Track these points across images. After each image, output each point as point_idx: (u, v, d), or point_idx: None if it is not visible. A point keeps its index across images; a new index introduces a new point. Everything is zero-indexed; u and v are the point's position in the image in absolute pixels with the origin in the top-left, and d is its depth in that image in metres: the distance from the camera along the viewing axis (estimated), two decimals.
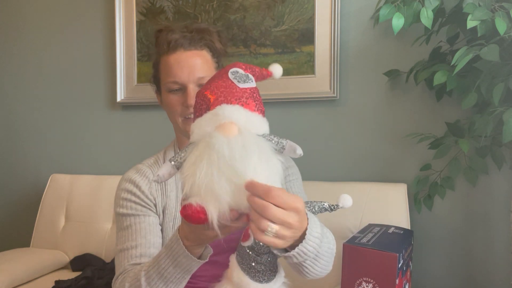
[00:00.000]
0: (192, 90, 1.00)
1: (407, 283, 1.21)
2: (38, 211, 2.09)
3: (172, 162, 0.72)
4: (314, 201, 0.81)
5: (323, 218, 1.53)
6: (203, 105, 0.74)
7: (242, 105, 0.73)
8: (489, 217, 1.66)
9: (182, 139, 1.11)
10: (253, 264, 0.81)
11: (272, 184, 0.66)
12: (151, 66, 1.10)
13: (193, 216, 0.66)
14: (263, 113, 0.76)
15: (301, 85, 1.84)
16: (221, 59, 1.09)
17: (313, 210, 0.80)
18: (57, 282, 1.69)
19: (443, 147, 1.57)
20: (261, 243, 0.78)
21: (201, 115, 0.74)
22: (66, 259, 1.96)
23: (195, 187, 0.66)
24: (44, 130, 2.29)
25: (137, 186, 1.05)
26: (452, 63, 1.32)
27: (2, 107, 2.37)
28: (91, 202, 2.00)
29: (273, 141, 0.74)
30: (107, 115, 2.17)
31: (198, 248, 0.81)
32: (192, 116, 0.98)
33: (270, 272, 0.84)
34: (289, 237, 0.68)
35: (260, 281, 0.82)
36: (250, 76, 0.79)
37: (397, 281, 1.04)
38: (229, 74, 0.76)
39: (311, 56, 1.82)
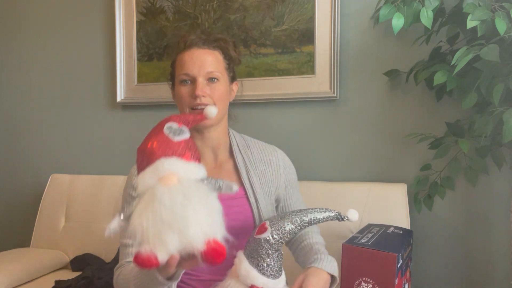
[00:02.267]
0: (201, 82, 1.08)
1: (407, 283, 1.21)
2: (38, 211, 2.09)
3: (122, 216, 0.80)
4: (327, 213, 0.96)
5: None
6: (144, 160, 0.84)
7: (179, 156, 0.82)
8: (489, 217, 1.66)
9: (191, 133, 1.13)
10: (264, 257, 0.89)
11: (213, 222, 0.77)
12: (170, 65, 1.19)
13: (144, 263, 0.73)
14: (198, 159, 0.86)
15: (301, 85, 1.84)
16: (232, 64, 1.18)
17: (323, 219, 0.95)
18: (57, 282, 1.69)
19: (443, 147, 1.57)
20: (277, 238, 0.89)
21: (143, 169, 0.83)
22: (66, 259, 1.96)
23: (144, 236, 0.74)
24: (44, 130, 2.29)
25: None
26: (452, 63, 1.32)
27: (2, 107, 2.37)
28: (91, 202, 1.99)
29: (211, 184, 0.83)
30: (107, 115, 2.17)
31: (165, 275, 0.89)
32: (199, 107, 1.07)
33: (277, 270, 0.91)
34: None
35: (267, 276, 0.89)
36: (184, 128, 0.88)
37: (396, 281, 1.04)
38: (165, 130, 0.86)
39: (311, 56, 1.82)
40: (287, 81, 1.86)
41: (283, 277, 0.94)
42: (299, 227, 0.94)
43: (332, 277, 1.04)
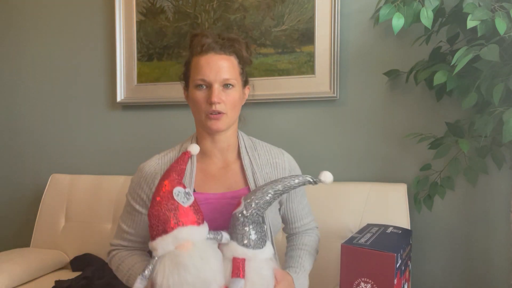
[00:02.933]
0: (217, 89, 1.10)
1: (406, 283, 1.21)
2: (38, 211, 2.09)
3: (145, 275, 0.94)
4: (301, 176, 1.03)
5: (323, 219, 1.53)
6: (159, 226, 0.95)
7: (189, 223, 0.96)
8: (489, 217, 1.66)
9: (202, 134, 1.19)
10: (241, 229, 0.99)
11: (222, 274, 0.96)
12: (184, 64, 1.21)
13: None
14: (202, 220, 1.00)
15: (301, 85, 1.84)
16: (245, 66, 1.20)
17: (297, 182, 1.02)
18: (57, 282, 1.69)
19: (443, 147, 1.57)
20: (251, 211, 0.99)
21: (159, 234, 0.95)
22: (66, 259, 1.96)
23: None
24: (44, 130, 2.29)
25: (148, 186, 1.17)
26: (452, 63, 1.32)
27: (2, 107, 2.37)
28: (91, 202, 1.99)
29: (214, 237, 0.98)
30: (107, 115, 2.17)
31: None
32: (214, 113, 1.10)
33: (258, 240, 1.00)
34: None
35: (247, 246, 0.98)
36: (189, 191, 1.01)
37: (395, 281, 1.04)
38: (174, 196, 0.97)
39: (311, 56, 1.82)
40: (287, 81, 1.86)
41: (267, 248, 1.03)
42: (272, 196, 1.01)
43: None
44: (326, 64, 1.80)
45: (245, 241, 0.99)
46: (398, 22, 1.45)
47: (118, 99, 2.11)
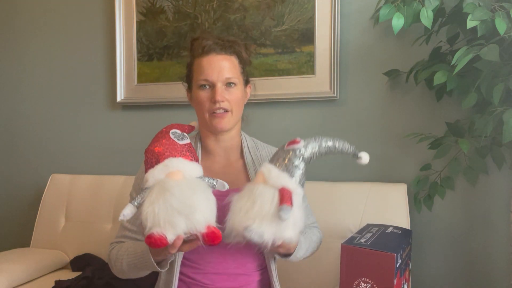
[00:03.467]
0: (220, 88, 1.13)
1: (406, 283, 1.21)
2: (38, 211, 2.09)
3: (135, 203, 0.93)
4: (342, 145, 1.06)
5: (323, 219, 1.53)
6: (153, 159, 0.99)
7: (183, 157, 0.99)
8: (489, 217, 1.66)
9: (206, 133, 1.21)
10: (294, 164, 0.99)
11: (211, 211, 0.93)
12: (186, 67, 1.23)
13: (156, 243, 0.88)
14: (197, 160, 1.04)
15: (301, 85, 1.84)
16: (246, 67, 1.23)
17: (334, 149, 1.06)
18: (57, 282, 1.69)
19: (443, 147, 1.57)
20: (307, 152, 1.01)
21: (152, 166, 0.98)
22: (66, 259, 1.96)
23: (155, 220, 0.88)
24: (44, 130, 2.29)
25: None
26: (452, 63, 1.32)
27: (2, 107, 2.37)
28: (91, 202, 1.99)
29: (208, 181, 0.99)
30: (107, 115, 2.17)
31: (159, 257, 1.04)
32: (219, 111, 1.13)
33: (302, 181, 1.00)
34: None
35: (296, 182, 0.98)
36: (186, 134, 1.07)
37: (395, 281, 1.04)
38: (170, 134, 1.03)
39: (311, 56, 1.82)
40: (287, 81, 1.86)
41: (302, 189, 1.02)
42: (324, 150, 1.05)
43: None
44: (326, 64, 1.80)
45: (297, 177, 0.99)
46: (398, 22, 1.45)
47: (118, 99, 2.11)
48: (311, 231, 1.28)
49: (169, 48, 2.03)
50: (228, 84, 1.14)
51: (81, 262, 1.90)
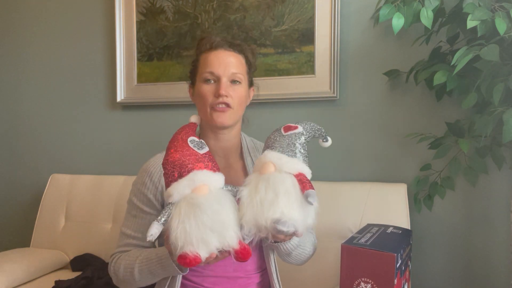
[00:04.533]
0: (225, 83, 1.12)
1: (406, 283, 1.21)
2: (38, 211, 2.09)
3: (162, 221, 0.89)
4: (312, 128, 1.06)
5: (323, 219, 1.53)
6: (175, 172, 0.93)
7: (206, 168, 0.94)
8: (489, 217, 1.66)
9: (206, 132, 1.20)
10: (303, 146, 0.98)
11: (239, 225, 0.89)
12: (191, 64, 1.23)
13: (191, 262, 0.85)
14: (218, 169, 0.97)
15: (301, 85, 1.84)
16: (252, 70, 1.23)
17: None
18: (57, 282, 1.69)
19: (443, 147, 1.57)
20: (307, 137, 1.02)
21: (174, 179, 0.92)
22: (66, 259, 1.96)
23: (187, 238, 0.85)
24: (44, 130, 2.29)
25: (154, 185, 1.15)
26: (452, 63, 1.32)
27: (2, 107, 2.37)
28: (91, 202, 1.99)
29: (231, 191, 0.95)
30: (107, 115, 2.17)
31: None
32: (221, 105, 1.11)
33: (307, 159, 0.99)
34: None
35: (306, 164, 0.97)
36: (203, 141, 1.00)
37: (395, 281, 1.04)
38: (189, 143, 0.97)
39: (311, 56, 1.82)
40: (287, 81, 1.86)
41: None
42: (312, 132, 1.06)
43: None
44: (326, 64, 1.80)
45: (306, 160, 0.98)
46: (398, 22, 1.46)
47: (118, 99, 2.11)
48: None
49: (169, 48, 2.03)
50: (233, 81, 1.14)
51: (81, 262, 1.90)
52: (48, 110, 2.28)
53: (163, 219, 0.89)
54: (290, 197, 0.89)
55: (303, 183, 0.91)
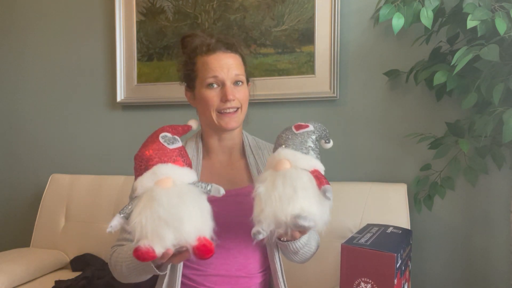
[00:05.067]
0: (230, 87, 1.12)
1: (406, 283, 1.21)
2: (38, 211, 2.09)
3: (122, 215, 0.88)
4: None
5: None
6: (142, 166, 0.94)
7: (173, 162, 0.93)
8: (489, 217, 1.66)
9: (208, 132, 1.20)
10: (315, 143, 1.00)
11: (204, 221, 0.86)
12: (183, 65, 1.20)
13: (143, 256, 0.82)
14: (190, 165, 0.97)
15: (301, 85, 1.84)
16: (247, 66, 1.22)
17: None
18: (57, 282, 1.69)
19: (443, 147, 1.57)
20: (317, 135, 1.03)
21: (141, 174, 0.92)
22: (66, 259, 1.96)
23: (143, 232, 0.82)
24: (44, 130, 2.29)
25: None
26: (452, 63, 1.32)
27: (2, 107, 2.37)
28: (91, 202, 1.99)
29: (201, 187, 0.92)
30: (107, 115, 2.17)
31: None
32: (228, 111, 1.12)
33: (319, 156, 1.00)
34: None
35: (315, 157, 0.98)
36: (177, 138, 0.99)
37: (395, 281, 1.04)
38: (160, 138, 0.97)
39: (311, 56, 1.82)
40: (287, 81, 1.86)
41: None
42: (320, 132, 1.07)
43: None
44: (326, 64, 1.80)
45: (318, 157, 0.99)
46: (398, 22, 1.46)
47: (118, 99, 2.11)
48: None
49: (169, 48, 2.03)
50: (236, 82, 1.14)
51: (81, 262, 1.90)
52: (48, 110, 2.28)
53: (124, 212, 0.89)
54: (308, 193, 0.88)
55: (319, 179, 0.92)
